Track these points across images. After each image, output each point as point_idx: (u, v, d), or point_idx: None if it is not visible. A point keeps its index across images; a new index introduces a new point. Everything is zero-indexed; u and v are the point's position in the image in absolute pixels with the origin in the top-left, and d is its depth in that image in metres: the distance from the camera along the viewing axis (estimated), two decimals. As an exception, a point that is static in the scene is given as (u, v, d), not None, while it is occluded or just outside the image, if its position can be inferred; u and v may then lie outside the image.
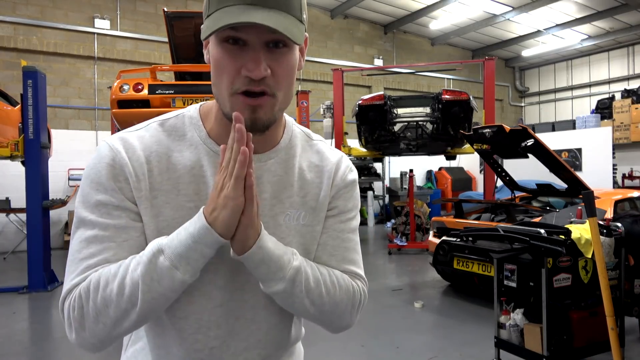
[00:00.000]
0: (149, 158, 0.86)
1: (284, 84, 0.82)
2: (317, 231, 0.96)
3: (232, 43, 0.79)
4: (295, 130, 1.00)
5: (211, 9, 0.79)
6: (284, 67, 0.81)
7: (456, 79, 15.60)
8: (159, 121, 0.92)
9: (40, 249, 5.81)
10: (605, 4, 12.26)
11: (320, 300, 0.89)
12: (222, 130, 0.89)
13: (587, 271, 3.15)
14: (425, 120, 8.09)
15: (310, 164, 0.98)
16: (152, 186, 0.85)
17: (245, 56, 0.78)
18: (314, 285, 0.88)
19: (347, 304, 0.94)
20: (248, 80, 0.79)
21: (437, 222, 5.79)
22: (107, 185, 0.83)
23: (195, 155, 0.88)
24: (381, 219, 12.76)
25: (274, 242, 0.84)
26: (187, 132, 0.90)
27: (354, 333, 4.17)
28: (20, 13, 9.43)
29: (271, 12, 0.76)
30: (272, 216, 0.91)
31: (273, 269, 0.83)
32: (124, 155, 0.85)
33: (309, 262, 0.91)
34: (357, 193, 1.03)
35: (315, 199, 0.96)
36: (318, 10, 12.95)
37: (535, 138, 4.67)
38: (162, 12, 6.13)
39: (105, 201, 0.83)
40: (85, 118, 10.10)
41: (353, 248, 1.00)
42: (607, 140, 10.15)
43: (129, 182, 0.84)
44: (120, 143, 0.86)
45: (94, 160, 0.86)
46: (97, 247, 0.81)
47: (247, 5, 0.75)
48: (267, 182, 0.92)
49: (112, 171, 0.84)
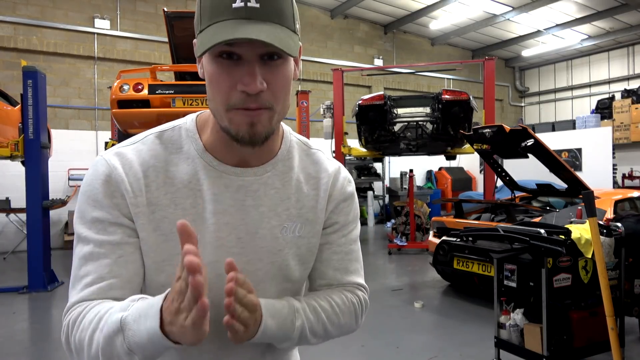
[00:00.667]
0: (147, 173, 0.86)
1: (280, 96, 0.81)
2: (312, 243, 0.97)
3: (227, 58, 0.77)
4: (292, 140, 0.99)
5: (203, 25, 0.78)
6: (279, 79, 0.80)
7: (456, 79, 15.60)
8: (156, 133, 0.91)
9: (40, 249, 5.81)
10: (605, 4, 12.26)
11: (326, 333, 0.95)
12: (218, 143, 0.89)
13: (587, 271, 3.15)
14: (425, 120, 8.08)
15: (307, 176, 0.98)
16: (150, 201, 0.85)
17: (241, 70, 0.77)
18: (320, 327, 0.93)
19: (351, 323, 0.99)
20: (245, 95, 0.78)
21: (437, 222, 5.79)
22: (103, 202, 0.84)
23: (192, 169, 0.88)
24: (381, 219, 12.76)
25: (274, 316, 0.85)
26: (183, 145, 0.90)
27: (354, 333, 4.17)
28: (20, 13, 9.43)
29: (265, 26, 0.75)
30: (270, 229, 0.91)
31: (280, 339, 0.87)
32: (120, 171, 0.84)
33: (310, 303, 0.93)
34: (356, 204, 1.04)
35: (312, 212, 0.96)
36: (318, 10, 12.95)
37: (535, 138, 4.67)
38: (162, 12, 6.13)
39: (101, 218, 0.83)
40: (85, 118, 10.10)
41: (355, 258, 1.03)
42: (607, 140, 10.15)
43: (125, 199, 0.84)
44: (117, 159, 0.86)
45: (91, 177, 0.86)
46: (92, 265, 0.83)
47: (240, 20, 0.74)
48: (265, 196, 0.91)
49: (108, 188, 0.84)
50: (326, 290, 0.99)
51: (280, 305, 0.87)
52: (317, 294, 0.98)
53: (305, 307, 0.91)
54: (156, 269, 0.87)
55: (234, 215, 0.89)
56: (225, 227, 0.88)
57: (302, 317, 0.89)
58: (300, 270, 0.96)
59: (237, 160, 0.90)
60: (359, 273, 1.03)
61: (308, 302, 0.93)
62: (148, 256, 0.86)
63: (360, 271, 1.04)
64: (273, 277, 0.93)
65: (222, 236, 0.88)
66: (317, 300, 0.95)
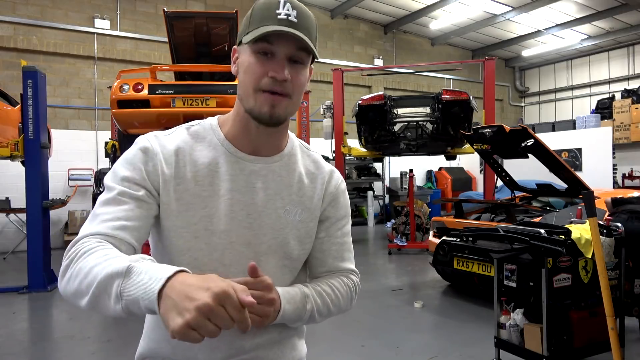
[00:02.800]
0: (177, 152, 1.05)
1: (297, 90, 1.03)
2: (310, 227, 1.15)
3: (263, 54, 0.99)
4: (295, 142, 1.20)
5: (252, 27, 0.99)
6: (299, 77, 1.02)
7: (456, 79, 15.60)
8: (185, 126, 1.12)
9: (40, 249, 5.81)
10: (605, 4, 12.26)
11: (328, 313, 1.14)
12: (237, 134, 1.09)
13: (587, 271, 3.15)
14: (425, 120, 8.09)
15: (307, 171, 1.18)
16: (177, 174, 1.03)
17: (273, 64, 0.99)
18: (325, 309, 1.12)
19: (348, 303, 1.20)
20: (272, 81, 0.98)
21: (437, 222, 5.79)
22: (136, 166, 1.02)
23: (213, 155, 1.07)
24: (381, 219, 12.75)
25: (289, 302, 1.04)
26: (207, 135, 1.10)
27: (354, 333, 4.17)
28: (20, 13, 9.43)
29: (298, 33, 0.98)
30: (274, 209, 1.09)
31: (294, 320, 1.07)
32: (156, 146, 1.04)
33: (316, 289, 1.12)
34: (348, 200, 1.25)
35: (310, 201, 1.15)
36: (318, 10, 12.95)
37: (535, 138, 4.67)
38: (162, 12, 6.13)
39: (130, 177, 1.00)
40: (85, 118, 10.09)
41: (348, 249, 1.24)
42: (607, 140, 10.14)
43: (157, 168, 1.02)
44: (155, 138, 1.07)
45: (132, 148, 1.05)
46: (112, 207, 0.97)
47: (283, 26, 0.97)
48: (272, 180, 1.10)
49: (144, 156, 1.03)
50: (326, 277, 1.19)
51: (294, 292, 1.06)
52: (320, 280, 1.17)
53: (313, 292, 1.10)
54: (176, 233, 1.02)
55: (246, 195, 1.07)
56: (237, 204, 1.06)
57: (312, 302, 1.09)
58: (298, 249, 1.13)
59: (252, 150, 1.09)
60: (351, 260, 1.24)
61: (314, 288, 1.12)
62: (168, 219, 1.02)
63: (352, 258, 1.25)
64: (275, 252, 1.09)
65: (235, 210, 1.05)
66: (321, 286, 1.14)
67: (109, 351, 3.88)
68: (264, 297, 0.94)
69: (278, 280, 1.07)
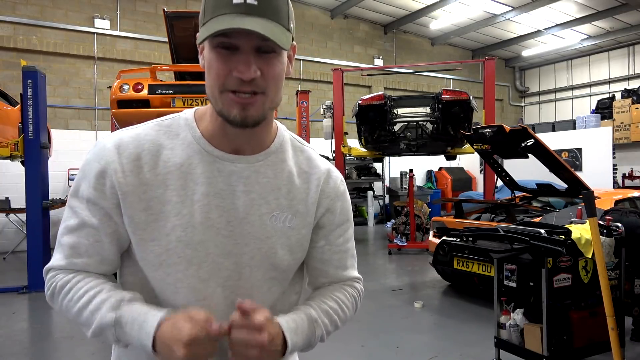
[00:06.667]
0: (140, 155, 0.92)
1: (272, 84, 0.88)
2: (302, 234, 1.01)
3: (225, 48, 0.84)
4: (286, 136, 1.04)
5: (206, 18, 0.85)
6: (272, 69, 0.87)
7: (456, 79, 15.60)
8: (157, 121, 0.98)
9: (40, 249, 5.81)
10: (605, 4, 12.26)
11: (335, 329, 1.05)
12: (214, 131, 0.95)
13: (587, 271, 3.15)
14: (425, 120, 8.08)
15: (300, 170, 1.03)
16: (142, 181, 0.91)
17: (237, 60, 0.84)
18: (332, 327, 1.04)
19: (353, 313, 1.11)
20: (239, 81, 0.84)
21: (437, 222, 5.79)
22: (91, 182, 0.92)
23: (186, 154, 0.93)
24: (381, 219, 12.75)
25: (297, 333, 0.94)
26: (180, 132, 0.96)
27: (354, 333, 4.17)
28: (20, 13, 9.43)
29: (261, 20, 0.82)
30: (259, 216, 0.96)
31: (304, 349, 0.99)
32: (112, 155, 0.91)
33: (322, 307, 1.02)
34: (349, 202, 1.11)
35: (303, 204, 1.01)
36: (318, 10, 12.95)
37: (535, 138, 4.67)
38: (162, 12, 6.12)
39: (87, 197, 0.92)
40: (85, 118, 10.09)
41: (352, 255, 1.13)
42: (607, 140, 10.14)
43: (112, 181, 0.90)
44: (114, 143, 0.93)
45: (89, 157, 0.94)
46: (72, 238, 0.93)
47: (240, 14, 0.82)
48: (256, 183, 0.96)
49: (99, 171, 0.91)
50: (329, 289, 1.09)
51: (300, 320, 0.95)
52: (324, 294, 1.06)
53: (319, 313, 1.00)
54: (145, 247, 0.92)
55: (225, 199, 0.93)
56: (215, 210, 0.92)
57: (321, 326, 0.99)
58: (289, 259, 1.00)
59: (232, 149, 0.95)
60: (354, 267, 1.14)
61: (320, 307, 1.02)
62: (135, 233, 0.92)
63: (355, 264, 1.14)
64: (259, 264, 0.97)
65: (213, 217, 0.92)
66: (326, 303, 1.04)
67: (109, 351, 3.86)
68: (250, 341, 0.82)
69: (264, 295, 0.98)
